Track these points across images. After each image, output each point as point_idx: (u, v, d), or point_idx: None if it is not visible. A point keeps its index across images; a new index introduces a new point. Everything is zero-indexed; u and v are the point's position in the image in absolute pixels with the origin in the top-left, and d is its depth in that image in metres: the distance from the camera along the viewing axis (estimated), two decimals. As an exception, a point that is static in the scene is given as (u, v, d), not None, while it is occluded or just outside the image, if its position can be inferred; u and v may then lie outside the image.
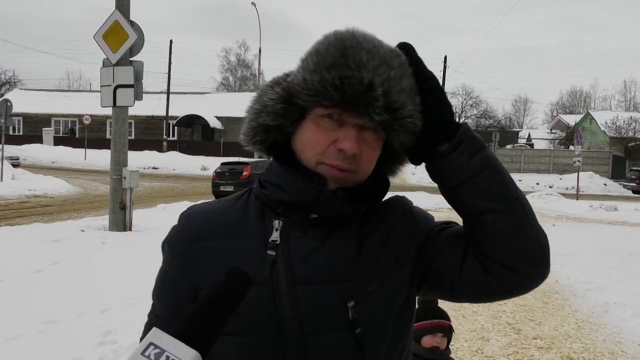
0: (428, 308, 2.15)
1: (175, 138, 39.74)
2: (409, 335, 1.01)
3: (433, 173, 0.94)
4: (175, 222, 1.03)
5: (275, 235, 0.92)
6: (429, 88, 0.90)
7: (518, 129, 63.61)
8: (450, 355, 2.21)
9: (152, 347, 0.69)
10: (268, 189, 0.94)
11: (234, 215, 0.97)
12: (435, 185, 0.95)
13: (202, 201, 1.03)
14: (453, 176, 0.90)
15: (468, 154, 0.89)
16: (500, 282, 0.93)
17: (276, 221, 0.93)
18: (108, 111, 9.22)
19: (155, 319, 0.99)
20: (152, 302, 1.03)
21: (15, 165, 26.18)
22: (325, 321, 0.89)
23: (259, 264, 0.90)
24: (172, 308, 0.96)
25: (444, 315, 2.19)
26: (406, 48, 0.92)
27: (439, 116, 0.90)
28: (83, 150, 33.35)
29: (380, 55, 0.86)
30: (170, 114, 38.72)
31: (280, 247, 0.91)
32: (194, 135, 41.44)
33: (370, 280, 0.92)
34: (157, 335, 0.70)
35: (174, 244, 0.99)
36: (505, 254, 0.90)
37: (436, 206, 17.08)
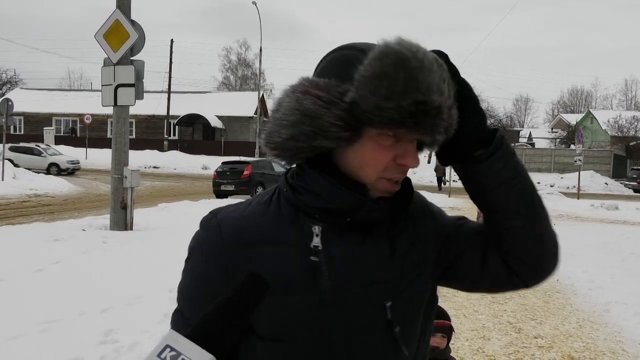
0: None
1: (176, 137, 39.75)
2: (431, 329, 1.06)
3: (466, 176, 0.97)
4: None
5: (316, 241, 0.92)
6: (466, 97, 0.92)
7: (519, 128, 63.65)
8: (451, 354, 2.22)
9: (168, 349, 0.69)
10: (303, 195, 0.93)
11: (269, 221, 0.95)
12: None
13: (227, 203, 1.01)
14: (488, 180, 0.94)
15: (503, 160, 0.93)
16: (521, 278, 1.01)
17: (316, 227, 0.93)
18: (109, 110, 9.22)
19: (184, 321, 0.95)
20: (178, 302, 1.00)
21: (75, 170, 25.89)
22: (367, 322, 0.92)
23: (301, 271, 0.91)
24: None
25: (444, 315, 2.19)
26: (444, 56, 0.91)
27: (475, 124, 0.92)
28: (84, 149, 33.39)
29: (434, 72, 0.85)
30: (171, 113, 38.72)
31: (321, 252, 0.92)
32: (194, 134, 41.44)
33: (403, 279, 0.96)
34: (174, 338, 0.70)
35: (209, 249, 0.95)
36: (530, 254, 0.98)
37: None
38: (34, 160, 24.62)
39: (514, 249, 0.97)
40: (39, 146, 26.37)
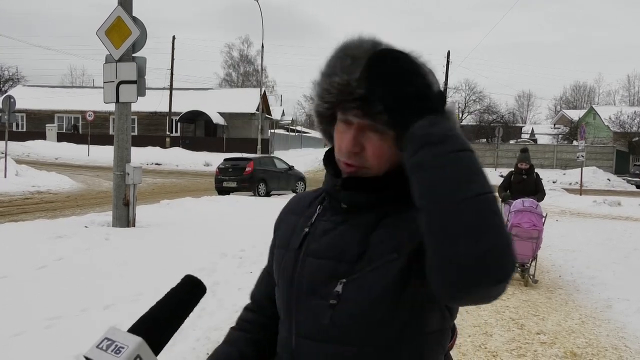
0: None
1: (178, 134, 39.77)
2: (403, 335, 0.99)
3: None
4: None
5: (314, 217, 1.13)
6: None
7: (521, 124, 63.50)
8: (451, 352, 2.19)
9: (105, 340, 0.82)
10: (324, 182, 1.16)
11: (307, 199, 1.20)
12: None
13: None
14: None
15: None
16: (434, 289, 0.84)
17: (320, 206, 1.14)
18: (111, 107, 9.21)
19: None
20: None
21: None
22: (315, 289, 1.03)
23: (297, 235, 1.12)
24: (269, 259, 1.25)
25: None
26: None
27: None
28: (86, 146, 33.38)
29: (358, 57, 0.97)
30: (173, 110, 38.72)
31: (312, 225, 1.11)
32: (196, 131, 41.45)
33: (364, 264, 0.99)
34: (111, 332, 0.83)
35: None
36: (430, 260, 0.83)
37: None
38: None
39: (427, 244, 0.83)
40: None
